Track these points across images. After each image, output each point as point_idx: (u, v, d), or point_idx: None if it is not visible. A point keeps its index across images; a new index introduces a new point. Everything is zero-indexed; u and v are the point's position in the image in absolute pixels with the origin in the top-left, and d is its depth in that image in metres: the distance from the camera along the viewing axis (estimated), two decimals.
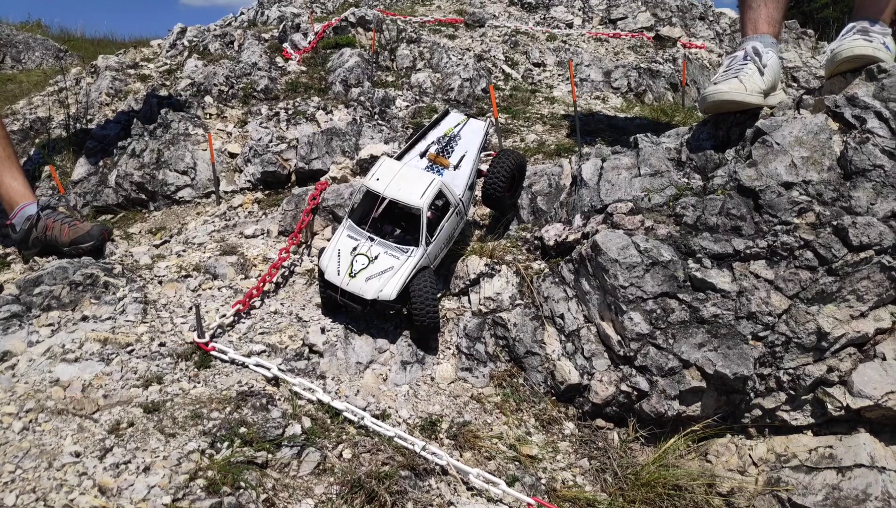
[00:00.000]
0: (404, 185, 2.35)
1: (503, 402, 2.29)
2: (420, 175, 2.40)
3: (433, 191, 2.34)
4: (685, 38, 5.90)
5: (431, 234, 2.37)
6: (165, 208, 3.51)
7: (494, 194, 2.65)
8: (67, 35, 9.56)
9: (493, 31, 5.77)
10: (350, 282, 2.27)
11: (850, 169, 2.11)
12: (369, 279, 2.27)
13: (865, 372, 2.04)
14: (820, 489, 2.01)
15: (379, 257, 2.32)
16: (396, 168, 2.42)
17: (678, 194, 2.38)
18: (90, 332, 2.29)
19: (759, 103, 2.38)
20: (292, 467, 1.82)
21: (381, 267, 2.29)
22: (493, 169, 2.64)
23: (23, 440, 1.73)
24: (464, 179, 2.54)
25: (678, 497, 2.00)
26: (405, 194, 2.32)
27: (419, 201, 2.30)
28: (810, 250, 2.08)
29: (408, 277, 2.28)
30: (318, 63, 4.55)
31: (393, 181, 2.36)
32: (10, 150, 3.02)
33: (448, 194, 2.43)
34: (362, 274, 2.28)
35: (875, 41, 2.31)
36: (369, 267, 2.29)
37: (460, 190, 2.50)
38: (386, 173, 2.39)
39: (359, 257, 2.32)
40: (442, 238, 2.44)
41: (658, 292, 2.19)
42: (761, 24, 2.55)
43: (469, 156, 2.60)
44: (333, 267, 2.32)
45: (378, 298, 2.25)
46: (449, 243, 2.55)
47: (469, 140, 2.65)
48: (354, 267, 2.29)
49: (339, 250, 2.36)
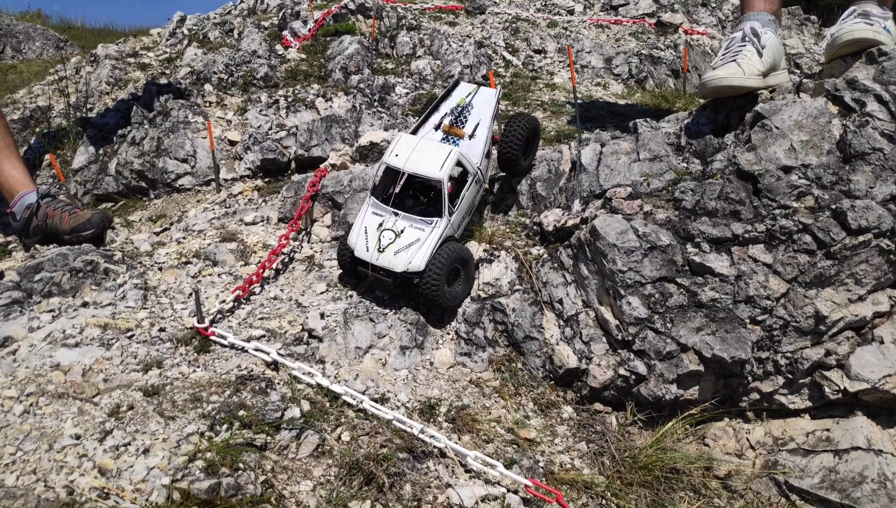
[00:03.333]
0: (423, 158, 2.39)
1: (502, 386, 2.30)
2: (437, 147, 2.44)
3: (451, 162, 2.38)
4: (687, 25, 5.86)
5: (453, 204, 2.42)
6: (166, 195, 3.52)
7: (511, 157, 2.71)
8: (67, 25, 9.54)
9: (493, 18, 5.74)
10: (380, 257, 2.33)
11: (850, 152, 2.10)
12: (398, 253, 2.32)
13: (863, 356, 2.04)
14: (817, 471, 2.02)
15: (405, 230, 2.37)
16: (414, 143, 2.45)
17: (677, 178, 2.37)
18: (90, 318, 2.30)
19: (758, 86, 2.37)
20: (291, 449, 1.83)
21: (408, 240, 2.34)
22: (507, 133, 2.68)
23: (23, 423, 1.75)
24: (480, 147, 2.58)
25: (675, 481, 2.01)
26: (424, 167, 2.37)
27: (439, 173, 2.35)
28: (809, 233, 2.08)
29: (434, 247, 2.33)
30: (317, 50, 4.53)
31: (412, 156, 2.40)
32: (9, 139, 3.03)
33: (466, 163, 2.49)
34: (391, 248, 2.33)
35: (876, 24, 2.29)
36: (397, 241, 2.35)
37: (477, 158, 2.55)
38: (404, 149, 2.43)
39: (385, 232, 2.37)
40: (463, 207, 2.50)
41: (656, 277, 2.19)
42: (758, 2, 2.54)
43: (483, 124, 2.63)
44: (362, 244, 2.38)
45: (408, 270, 2.30)
46: (471, 212, 2.62)
47: (482, 108, 2.68)
48: (382, 242, 2.35)
49: (366, 227, 2.41)
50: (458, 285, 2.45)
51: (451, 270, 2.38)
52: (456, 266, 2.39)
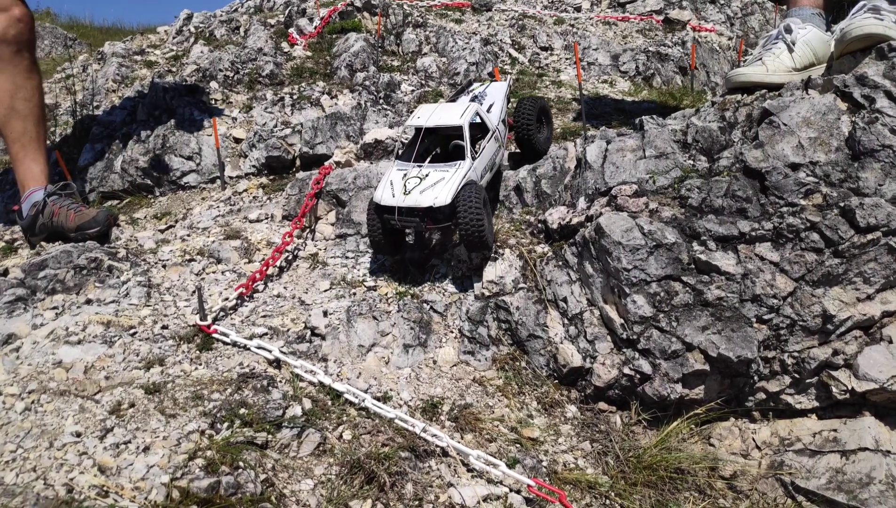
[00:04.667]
0: (443, 113, 2.57)
1: (505, 385, 2.28)
2: (456, 105, 2.65)
3: (471, 112, 2.55)
4: (695, 22, 5.82)
5: (475, 151, 2.54)
6: (171, 193, 3.52)
7: (527, 130, 2.86)
8: (76, 23, 9.57)
9: (499, 15, 5.72)
10: (405, 198, 2.38)
11: (859, 150, 2.07)
12: (423, 192, 2.38)
13: (871, 355, 2.01)
14: (823, 472, 1.99)
15: (429, 174, 2.45)
16: (434, 106, 2.66)
17: (683, 176, 2.35)
18: (94, 315, 2.30)
19: (782, 81, 2.37)
20: (292, 448, 1.82)
21: (433, 180, 2.41)
22: (519, 111, 2.87)
23: (24, 421, 1.75)
24: (496, 114, 2.76)
25: (680, 481, 1.99)
26: (445, 118, 2.54)
27: (460, 120, 2.50)
28: (816, 231, 2.05)
29: (459, 183, 2.39)
30: (323, 48, 4.53)
31: (433, 115, 2.57)
32: (43, 132, 3.02)
33: (485, 119, 2.65)
34: (416, 190, 2.40)
35: (886, 19, 2.26)
36: (422, 183, 2.42)
37: (496, 121, 2.73)
38: (425, 112, 2.61)
39: (411, 179, 2.45)
40: (485, 158, 2.60)
41: (662, 275, 2.17)
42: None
43: (497, 104, 2.83)
44: (388, 194, 2.43)
45: (434, 205, 2.34)
46: (492, 170, 2.71)
47: (495, 94, 2.92)
48: (408, 187, 2.42)
49: (392, 181, 2.48)
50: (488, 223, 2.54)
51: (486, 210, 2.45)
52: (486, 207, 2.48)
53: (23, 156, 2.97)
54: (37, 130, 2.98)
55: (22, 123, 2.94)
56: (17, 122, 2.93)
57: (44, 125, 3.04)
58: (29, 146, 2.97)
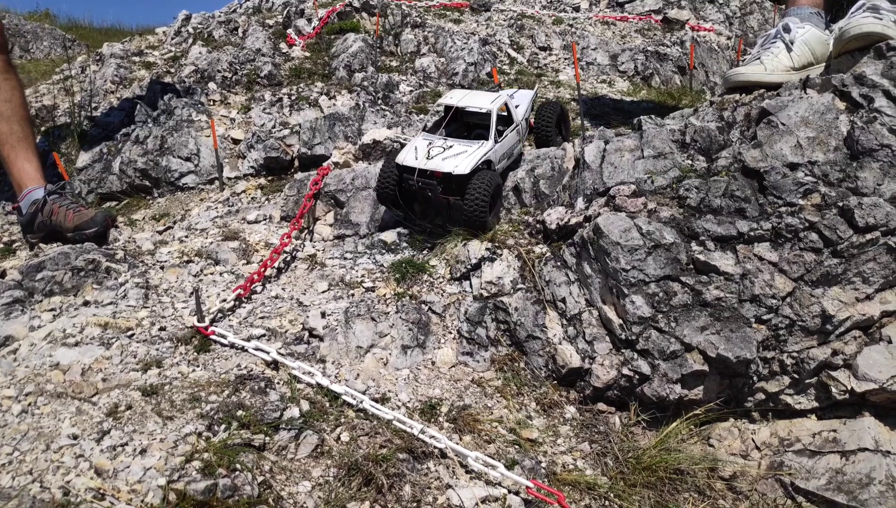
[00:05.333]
0: (475, 98, 2.76)
1: (504, 386, 2.27)
2: (487, 93, 2.83)
3: (500, 101, 2.74)
4: (694, 21, 5.82)
5: (499, 135, 2.70)
6: (169, 194, 3.51)
7: (546, 132, 3.09)
8: (75, 24, 9.56)
9: (498, 15, 5.72)
10: (427, 162, 2.55)
11: (857, 149, 2.06)
12: (445, 159, 2.55)
13: (871, 355, 2.00)
14: (823, 473, 1.99)
15: (453, 146, 2.62)
16: (465, 91, 2.85)
17: (682, 175, 2.34)
18: (91, 317, 2.30)
19: (780, 81, 2.37)
20: (290, 450, 1.81)
21: (456, 151, 2.59)
22: (540, 114, 3.11)
23: (21, 423, 1.74)
24: (521, 113, 2.98)
25: (680, 482, 1.99)
26: (477, 102, 2.72)
27: (490, 106, 2.68)
28: (815, 231, 2.04)
29: (480, 158, 2.56)
30: (321, 49, 4.52)
31: (465, 98, 2.76)
32: (28, 130, 3.04)
33: (512, 110, 2.86)
34: (438, 156, 2.57)
35: (885, 18, 2.26)
36: (445, 152, 2.59)
37: (520, 117, 2.93)
38: (457, 94, 2.81)
39: (435, 148, 2.63)
40: (506, 144, 2.77)
41: (660, 276, 2.17)
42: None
43: (522, 106, 3.07)
44: (411, 156, 2.60)
45: (453, 172, 2.50)
46: (510, 159, 2.87)
47: (522, 98, 3.16)
48: (431, 153, 2.59)
49: (416, 146, 2.65)
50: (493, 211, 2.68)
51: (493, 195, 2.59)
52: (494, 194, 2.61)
53: (14, 157, 2.97)
54: (23, 130, 2.99)
55: (7, 125, 2.95)
56: (1, 124, 2.94)
57: (30, 124, 3.05)
58: (18, 147, 2.97)
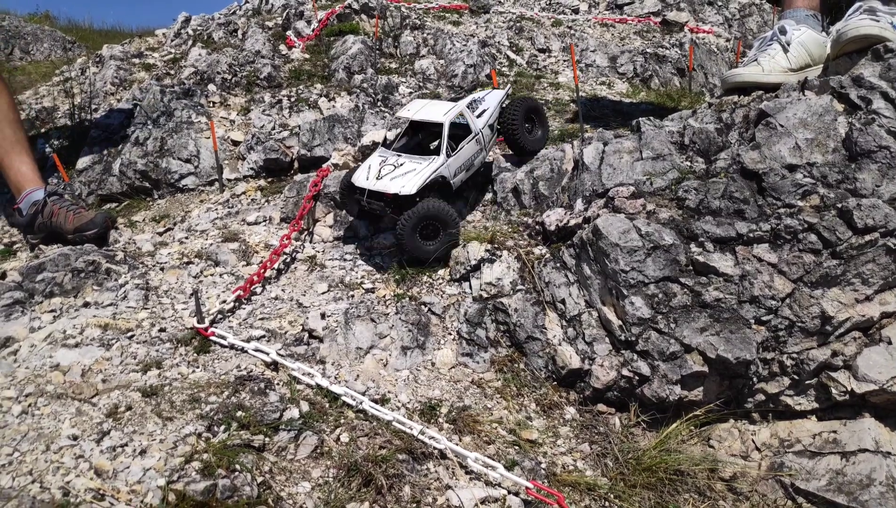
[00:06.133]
0: (430, 109, 2.69)
1: (504, 387, 2.28)
2: (445, 103, 2.74)
3: (455, 111, 2.66)
4: (693, 23, 5.83)
5: (452, 149, 2.63)
6: (169, 196, 3.51)
7: (511, 130, 2.91)
8: (75, 26, 9.56)
9: (497, 17, 5.72)
10: (376, 183, 2.52)
11: (856, 151, 2.07)
12: (393, 179, 2.51)
13: (870, 356, 2.01)
14: (823, 474, 1.99)
15: (404, 164, 2.58)
16: (425, 101, 2.76)
17: (681, 177, 2.34)
18: (91, 318, 2.29)
19: (781, 81, 2.38)
20: (289, 450, 1.81)
21: (405, 170, 2.54)
22: (505, 111, 2.93)
23: (21, 424, 1.74)
24: (484, 119, 2.84)
25: (680, 483, 1.99)
26: (430, 114, 2.65)
27: (442, 117, 2.60)
28: (814, 233, 2.05)
29: (428, 177, 2.51)
30: (321, 50, 4.53)
31: (421, 109, 2.69)
32: (21, 134, 3.04)
33: (469, 120, 2.74)
34: (387, 176, 2.53)
35: (882, 20, 2.27)
36: (394, 171, 2.54)
37: (481, 124, 2.81)
38: (415, 105, 2.74)
39: (386, 166, 2.58)
40: (462, 157, 2.70)
41: (660, 277, 2.17)
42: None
43: (490, 109, 2.91)
44: (363, 175, 2.58)
45: (399, 193, 2.46)
46: (469, 171, 2.80)
47: (491, 100, 3.00)
48: (382, 172, 2.55)
49: (370, 165, 2.63)
50: (435, 242, 2.57)
51: (428, 225, 2.52)
52: (434, 223, 2.52)
53: (9, 162, 2.97)
54: (14, 133, 2.99)
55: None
56: None
57: (20, 127, 3.05)
58: (12, 151, 2.98)
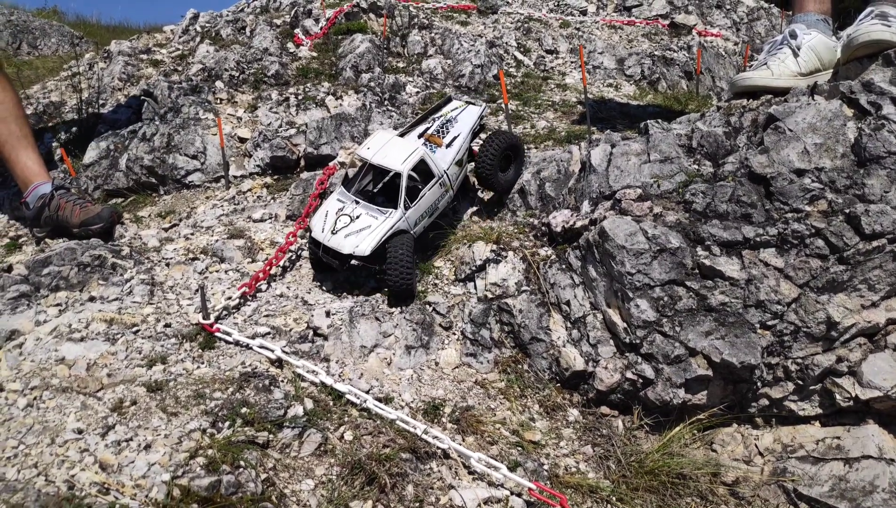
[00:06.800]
0: (390, 152, 2.50)
1: (507, 388, 2.28)
2: (406, 144, 2.55)
3: (415, 158, 2.49)
4: (701, 26, 5.82)
5: (412, 199, 2.51)
6: (175, 191, 3.52)
7: (484, 173, 2.74)
8: (83, 21, 9.59)
9: (505, 18, 5.72)
10: (331, 239, 2.43)
11: (865, 156, 2.06)
12: (348, 236, 2.42)
13: (875, 363, 2.00)
14: (826, 480, 1.98)
15: (360, 217, 2.47)
16: (387, 138, 2.57)
17: (688, 180, 2.34)
18: (97, 312, 2.30)
19: (791, 85, 2.37)
20: (293, 447, 1.82)
21: (360, 226, 2.44)
22: (483, 149, 2.74)
23: (26, 417, 1.75)
24: (452, 155, 2.70)
25: (682, 486, 1.99)
26: (389, 159, 2.48)
27: (400, 166, 2.45)
28: (821, 238, 2.04)
29: (383, 236, 2.41)
30: (329, 49, 4.53)
31: (381, 149, 2.51)
32: (27, 129, 3.06)
33: (432, 164, 2.58)
34: (343, 231, 2.44)
35: (894, 25, 2.26)
36: (350, 225, 2.45)
37: (446, 164, 2.66)
38: (376, 143, 2.55)
39: (343, 216, 2.48)
40: (423, 205, 2.57)
41: (665, 280, 2.17)
42: (807, 2, 2.55)
43: (461, 137, 2.77)
44: (319, 225, 2.49)
45: (353, 253, 2.39)
46: (433, 215, 2.67)
47: (464, 123, 2.84)
48: (337, 225, 2.46)
49: (328, 211, 2.53)
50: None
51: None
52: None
53: (16, 157, 2.99)
54: (20, 128, 3.01)
55: (4, 126, 2.98)
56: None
57: (26, 122, 3.07)
58: (18, 145, 3.00)
